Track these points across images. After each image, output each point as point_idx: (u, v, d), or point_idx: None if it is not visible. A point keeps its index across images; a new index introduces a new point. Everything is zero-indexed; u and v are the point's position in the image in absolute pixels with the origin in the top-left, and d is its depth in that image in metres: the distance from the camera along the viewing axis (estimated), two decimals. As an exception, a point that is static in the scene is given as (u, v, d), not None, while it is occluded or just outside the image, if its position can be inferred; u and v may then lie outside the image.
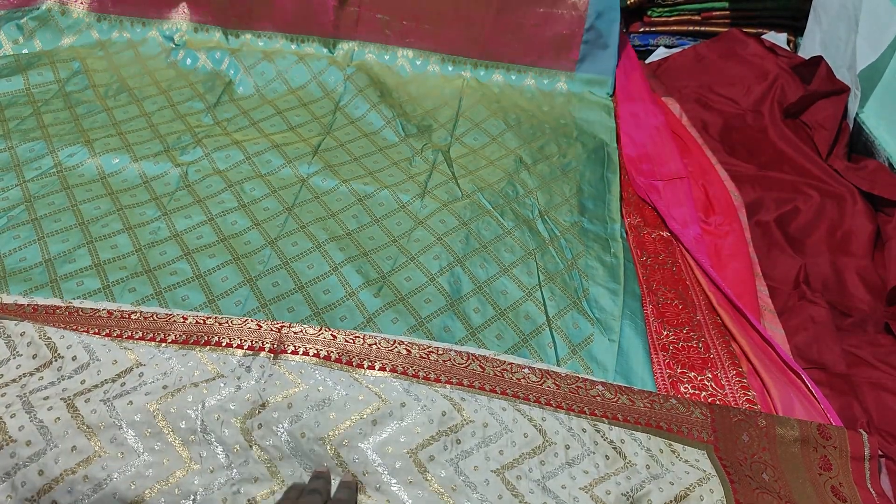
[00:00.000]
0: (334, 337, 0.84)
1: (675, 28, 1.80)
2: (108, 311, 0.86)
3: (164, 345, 0.82)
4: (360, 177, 1.24)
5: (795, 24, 1.71)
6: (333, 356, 0.82)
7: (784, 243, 1.18)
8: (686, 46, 1.74)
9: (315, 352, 0.82)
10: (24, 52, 1.46)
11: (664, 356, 0.99)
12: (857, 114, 1.38)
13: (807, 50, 1.59)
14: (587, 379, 0.88)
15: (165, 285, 0.97)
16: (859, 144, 1.38)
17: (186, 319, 0.85)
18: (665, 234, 1.20)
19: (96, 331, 0.83)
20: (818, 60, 1.44)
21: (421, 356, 0.84)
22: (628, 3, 1.84)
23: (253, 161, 1.23)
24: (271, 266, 1.02)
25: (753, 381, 0.96)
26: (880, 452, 0.89)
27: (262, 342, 0.82)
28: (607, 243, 1.16)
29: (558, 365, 0.95)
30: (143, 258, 1.01)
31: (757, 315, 1.06)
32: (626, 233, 1.21)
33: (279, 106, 1.41)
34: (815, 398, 0.93)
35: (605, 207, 1.25)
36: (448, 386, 0.82)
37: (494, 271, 1.08)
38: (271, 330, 0.84)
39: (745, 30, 1.64)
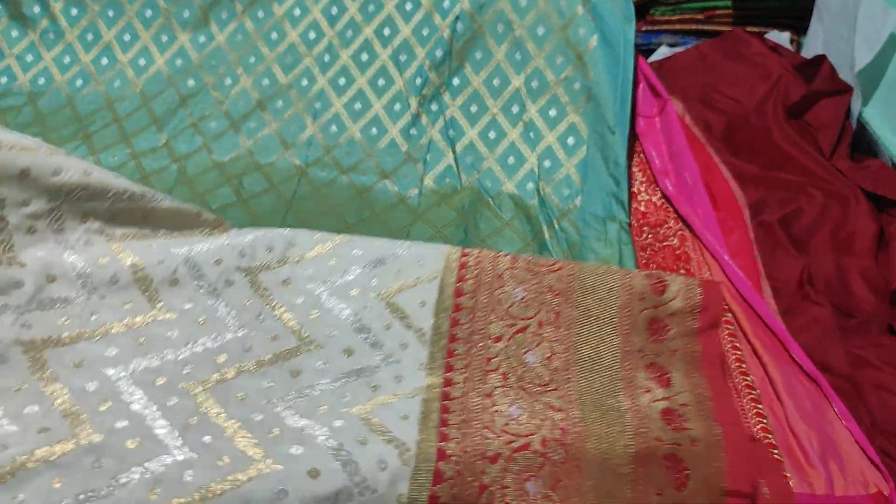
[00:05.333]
0: None
1: (677, 27, 1.80)
2: None
3: None
4: (359, 163, 1.22)
5: (798, 24, 1.70)
6: None
7: (787, 244, 1.18)
8: (689, 45, 1.74)
9: None
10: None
11: None
12: (860, 113, 1.38)
13: (810, 49, 1.59)
14: None
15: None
16: (863, 144, 1.38)
17: None
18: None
19: None
20: (821, 60, 1.44)
21: None
22: (631, 1, 1.84)
23: (251, 150, 1.24)
24: None
25: (751, 361, 0.96)
26: (882, 450, 0.89)
27: None
28: (604, 225, 1.15)
29: None
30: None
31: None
32: (629, 199, 1.18)
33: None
34: (818, 384, 0.93)
35: (605, 174, 1.20)
36: None
37: None
38: None
39: (747, 29, 1.64)
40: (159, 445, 0.61)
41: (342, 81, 1.23)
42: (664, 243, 1.14)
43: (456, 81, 1.19)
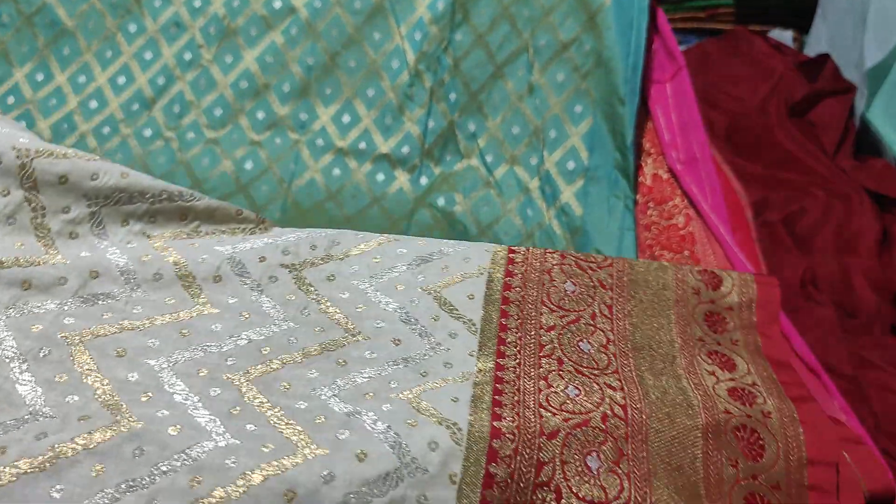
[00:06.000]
0: None
1: (679, 25, 1.80)
2: None
3: None
4: (355, 126, 1.17)
5: (801, 22, 1.70)
6: None
7: (790, 243, 1.17)
8: (691, 44, 1.73)
9: None
10: None
11: None
12: (863, 113, 1.37)
13: (813, 48, 1.59)
14: None
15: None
16: (866, 143, 1.37)
17: None
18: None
19: None
20: (824, 59, 1.44)
21: None
22: (633, -1, 1.83)
23: (243, 118, 1.17)
24: None
25: None
26: (885, 451, 0.88)
27: None
28: (608, 204, 1.12)
29: None
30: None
31: None
32: (636, 174, 1.14)
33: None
34: (819, 377, 0.93)
35: (612, 148, 1.16)
36: None
37: None
38: None
39: (750, 27, 1.64)
40: (201, 433, 0.61)
41: (335, 33, 1.17)
42: (669, 222, 1.12)
43: (459, 36, 1.14)
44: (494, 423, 0.59)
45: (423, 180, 1.15)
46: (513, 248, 0.70)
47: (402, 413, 0.61)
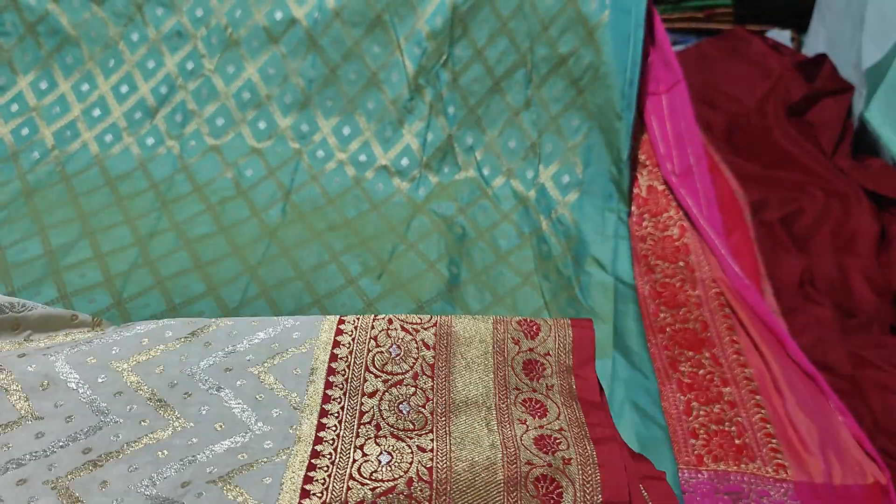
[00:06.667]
0: None
1: (678, 25, 1.80)
2: None
3: None
4: (355, 142, 1.18)
5: (799, 22, 1.71)
6: None
7: (789, 243, 1.17)
8: (689, 44, 1.74)
9: None
10: None
11: (662, 338, 1.00)
12: (861, 112, 1.38)
13: (811, 48, 1.59)
14: None
15: (166, 275, 0.97)
16: (864, 143, 1.37)
17: None
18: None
19: None
20: (822, 59, 1.44)
21: None
22: None
23: (245, 127, 1.18)
24: (271, 254, 1.02)
25: (751, 354, 0.97)
26: (883, 450, 0.89)
27: None
28: (602, 217, 1.13)
29: None
30: (145, 249, 1.00)
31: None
32: (631, 186, 1.15)
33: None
34: (814, 380, 0.94)
35: (608, 162, 1.16)
36: None
37: (491, 259, 1.08)
38: None
39: (748, 27, 1.64)
40: None
41: (335, 45, 1.17)
42: (664, 233, 1.13)
43: (458, 51, 1.15)
44: (302, 502, 0.57)
45: (422, 191, 1.16)
46: (343, 318, 0.70)
47: (211, 501, 0.58)
